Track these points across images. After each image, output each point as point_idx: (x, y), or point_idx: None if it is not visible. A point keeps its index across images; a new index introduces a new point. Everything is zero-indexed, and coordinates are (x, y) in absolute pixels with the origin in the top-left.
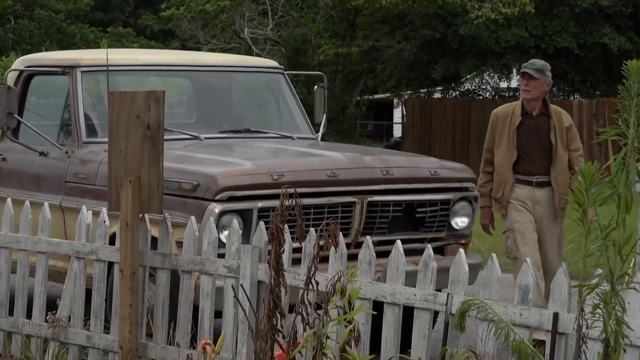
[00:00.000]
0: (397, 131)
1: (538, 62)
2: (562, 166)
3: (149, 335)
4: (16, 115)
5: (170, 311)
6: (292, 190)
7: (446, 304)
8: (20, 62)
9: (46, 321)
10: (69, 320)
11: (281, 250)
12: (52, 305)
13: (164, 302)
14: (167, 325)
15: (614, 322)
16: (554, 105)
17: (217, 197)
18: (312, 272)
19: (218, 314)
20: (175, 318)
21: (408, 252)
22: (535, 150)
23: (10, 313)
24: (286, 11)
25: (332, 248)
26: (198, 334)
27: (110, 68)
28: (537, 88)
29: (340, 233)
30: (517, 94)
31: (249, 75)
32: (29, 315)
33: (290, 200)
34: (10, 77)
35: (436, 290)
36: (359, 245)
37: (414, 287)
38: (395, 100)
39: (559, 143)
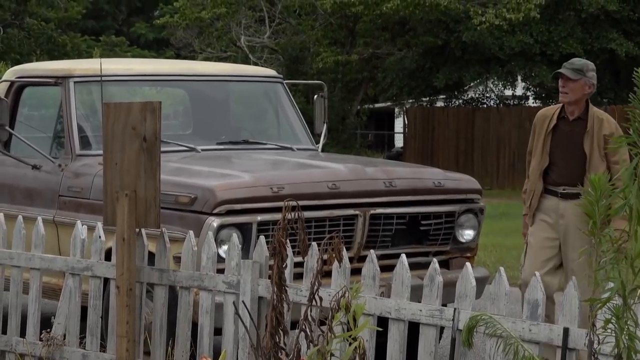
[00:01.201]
0: (399, 141)
1: (578, 62)
2: None
3: (147, 353)
4: (7, 128)
5: (168, 328)
6: (294, 203)
7: (453, 320)
8: (12, 73)
9: (41, 339)
10: (64, 339)
11: (284, 266)
12: (46, 323)
13: (162, 319)
14: (166, 343)
15: (627, 338)
16: (599, 110)
17: (215, 211)
18: (315, 288)
19: (217, 331)
20: (174, 335)
21: (412, 266)
22: (566, 158)
23: (4, 331)
24: (284, 18)
25: (336, 262)
26: (197, 352)
27: (104, 78)
28: (576, 90)
29: (344, 247)
30: (522, 102)
31: (246, 85)
32: (22, 333)
33: (292, 214)
34: (1, 88)
35: (441, 305)
36: (361, 259)
37: (419, 302)
38: (396, 110)
39: (595, 152)
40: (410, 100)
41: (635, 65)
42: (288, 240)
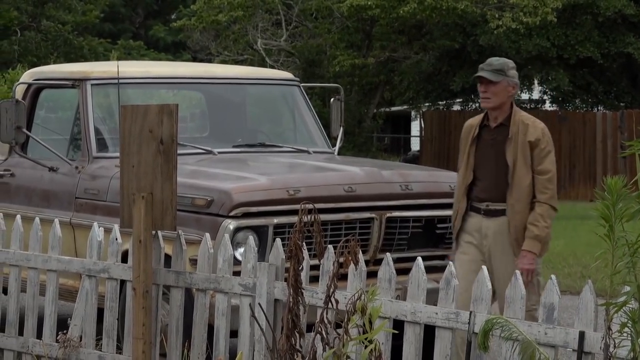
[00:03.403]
0: (415, 144)
1: (496, 61)
2: (520, 192)
3: (163, 355)
4: (25, 130)
5: (184, 331)
6: (310, 206)
7: (469, 323)
8: (29, 75)
9: (57, 341)
10: (81, 340)
11: (300, 268)
12: (62, 324)
13: (178, 321)
14: (182, 345)
15: None
16: (526, 115)
17: (232, 213)
18: (331, 291)
19: (233, 334)
20: (190, 338)
21: (428, 269)
22: (489, 171)
23: (20, 333)
24: (300, 21)
25: (352, 265)
26: (213, 354)
27: (121, 81)
28: (499, 94)
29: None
30: (539, 105)
31: (263, 88)
32: (39, 335)
33: (308, 217)
34: (19, 91)
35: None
36: (377, 262)
37: (434, 305)
38: (413, 113)
39: (519, 162)
40: (427, 104)
41: None
42: (304, 243)
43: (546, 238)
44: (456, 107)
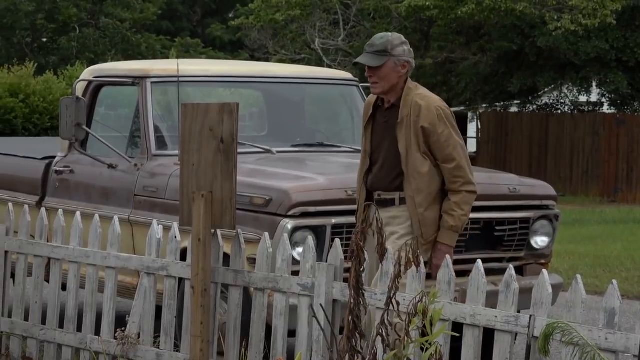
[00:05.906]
0: (472, 146)
1: (379, 40)
2: (419, 182)
3: (220, 353)
4: (84, 127)
5: (242, 329)
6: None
7: (528, 327)
8: (89, 73)
9: (115, 338)
10: (139, 338)
11: (361, 269)
12: (121, 321)
13: (236, 320)
14: (239, 344)
15: None
16: (422, 93)
17: (290, 213)
18: (393, 292)
19: (290, 333)
20: (247, 336)
21: (486, 272)
22: (381, 157)
23: (79, 329)
24: (358, 21)
25: (413, 267)
26: (271, 354)
27: (181, 79)
28: (387, 77)
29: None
30: (597, 108)
31: (322, 88)
32: (97, 331)
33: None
34: (79, 88)
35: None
36: None
37: (493, 308)
38: (470, 114)
39: (412, 149)
40: (484, 105)
41: None
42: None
43: (462, 227)
44: (514, 109)
